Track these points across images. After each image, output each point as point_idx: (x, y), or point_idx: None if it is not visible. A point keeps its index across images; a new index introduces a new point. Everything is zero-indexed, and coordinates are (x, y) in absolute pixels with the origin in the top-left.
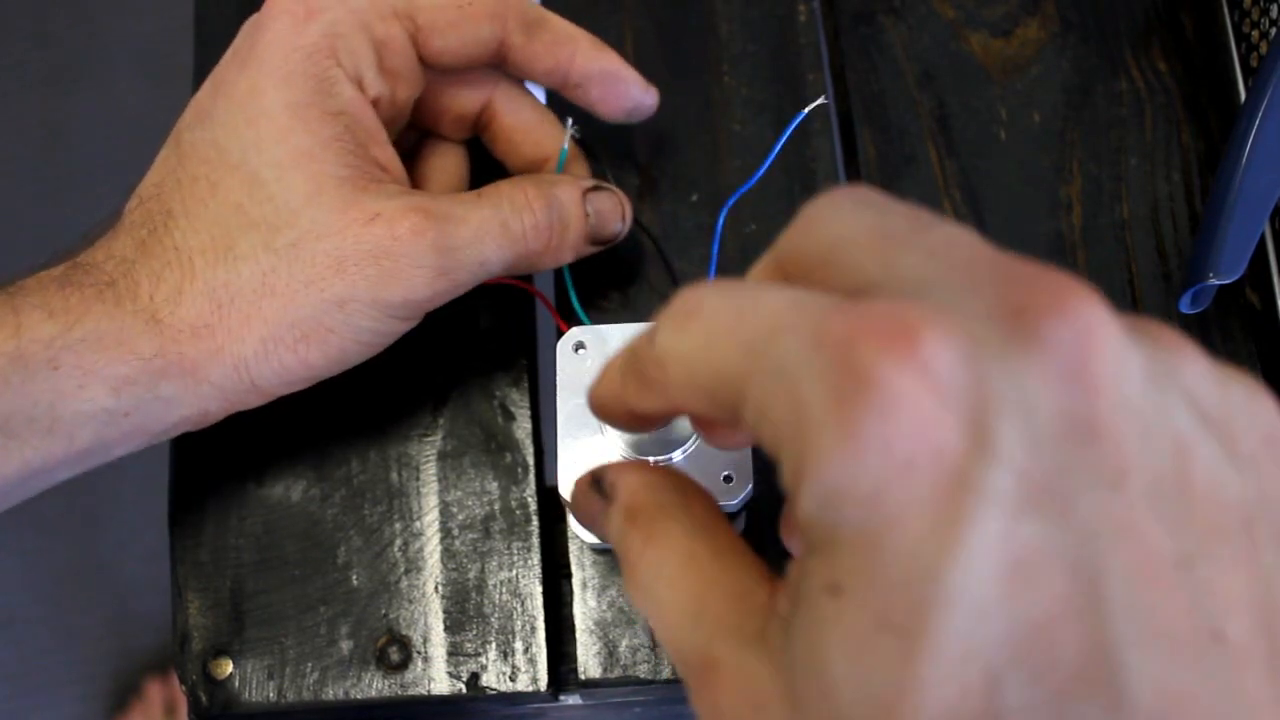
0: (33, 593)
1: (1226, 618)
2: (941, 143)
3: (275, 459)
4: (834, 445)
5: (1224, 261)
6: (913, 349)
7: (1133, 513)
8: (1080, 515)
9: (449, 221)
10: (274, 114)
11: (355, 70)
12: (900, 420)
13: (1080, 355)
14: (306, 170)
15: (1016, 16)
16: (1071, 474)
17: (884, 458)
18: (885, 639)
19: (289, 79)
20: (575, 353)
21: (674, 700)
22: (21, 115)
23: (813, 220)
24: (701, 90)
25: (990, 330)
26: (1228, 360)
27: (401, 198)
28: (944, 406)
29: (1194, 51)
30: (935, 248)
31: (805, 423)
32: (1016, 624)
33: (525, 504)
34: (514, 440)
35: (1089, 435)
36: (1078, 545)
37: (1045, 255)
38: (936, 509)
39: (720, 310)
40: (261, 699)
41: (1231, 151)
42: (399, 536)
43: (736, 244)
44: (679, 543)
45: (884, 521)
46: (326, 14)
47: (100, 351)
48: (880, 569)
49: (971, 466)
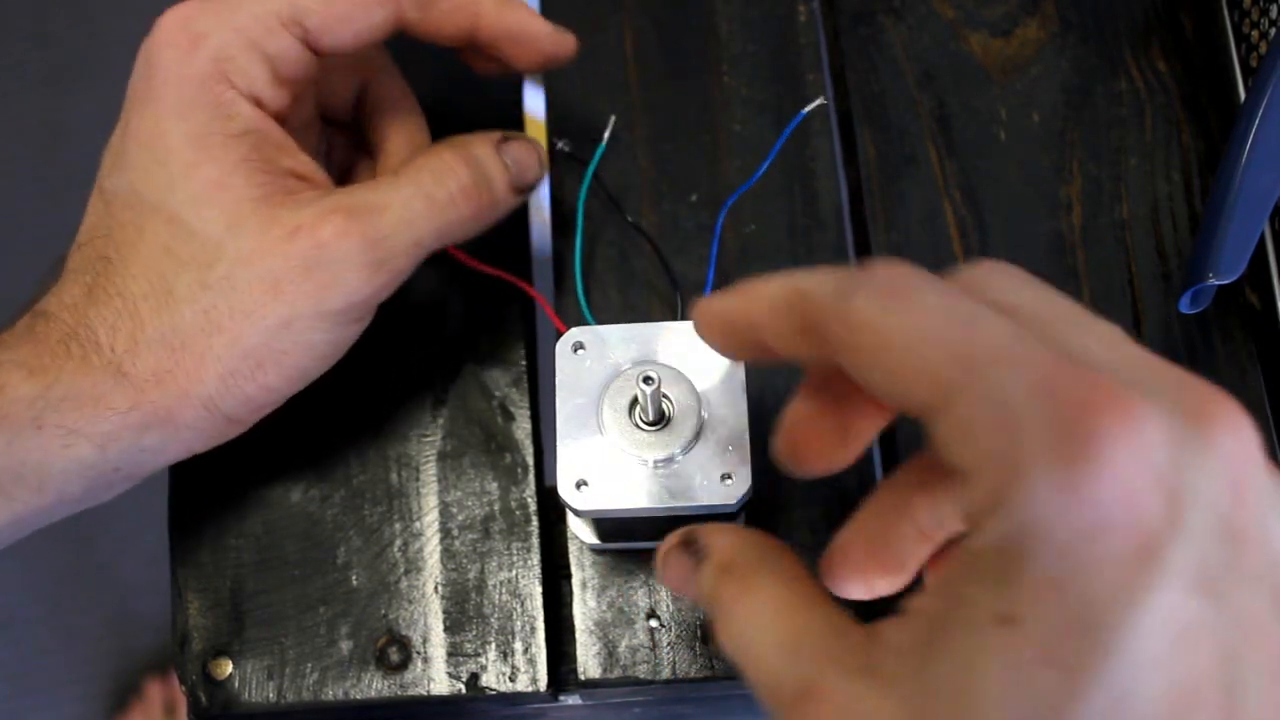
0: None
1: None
2: (941, 143)
3: (275, 460)
4: (1050, 490)
5: (1224, 261)
6: (1137, 426)
7: (1262, 610)
8: (1233, 606)
9: (371, 213)
10: (179, 150)
11: (250, 89)
12: (1113, 485)
13: (1245, 468)
14: (220, 201)
15: (1016, 16)
16: (1230, 568)
17: (1093, 513)
18: (1050, 673)
19: (186, 111)
20: (575, 353)
21: (673, 700)
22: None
23: (978, 282)
24: (701, 90)
25: (1182, 426)
26: (1228, 361)
27: (318, 203)
28: (1150, 483)
29: (1194, 51)
30: (1103, 336)
31: (1020, 459)
32: (1171, 683)
33: (525, 504)
34: (514, 440)
35: (1239, 538)
36: (1229, 630)
37: (1045, 255)
38: (1126, 569)
39: (937, 307)
40: (261, 699)
41: (1231, 151)
42: (399, 537)
43: (736, 244)
44: (773, 592)
45: (1077, 568)
46: (212, 38)
47: (80, 409)
48: (1062, 609)
49: (1165, 541)
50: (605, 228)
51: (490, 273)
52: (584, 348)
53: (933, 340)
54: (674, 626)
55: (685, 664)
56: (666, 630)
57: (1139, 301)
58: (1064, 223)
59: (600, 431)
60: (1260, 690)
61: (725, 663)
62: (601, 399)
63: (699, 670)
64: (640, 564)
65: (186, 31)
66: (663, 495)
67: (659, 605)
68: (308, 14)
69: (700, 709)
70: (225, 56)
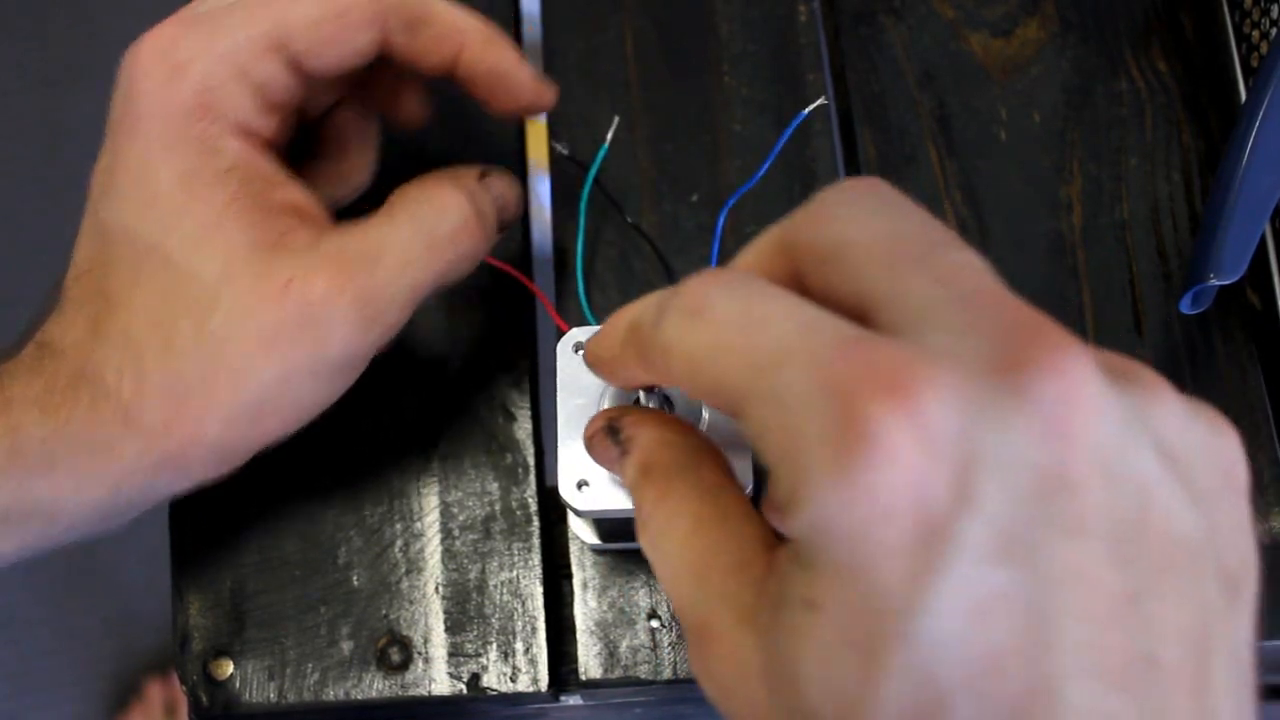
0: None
1: (1163, 645)
2: (942, 143)
3: (275, 460)
4: (826, 487)
5: (1224, 262)
6: (910, 403)
7: (1088, 558)
8: (1041, 563)
9: (366, 262)
10: (168, 190)
11: (237, 120)
12: (889, 472)
13: (1064, 414)
14: (213, 244)
15: (1016, 16)
16: (1039, 525)
17: (870, 505)
18: (851, 656)
19: (173, 147)
20: (575, 353)
21: (674, 700)
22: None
23: (827, 212)
24: (701, 90)
25: (984, 383)
26: (1228, 361)
27: (311, 252)
28: (931, 461)
29: (1194, 51)
30: (944, 273)
31: (801, 457)
32: (970, 655)
33: (526, 504)
34: (514, 441)
35: (1060, 488)
36: (1035, 589)
37: (1045, 255)
38: (913, 555)
39: (730, 318)
40: (262, 699)
41: (1232, 151)
42: (399, 537)
43: (736, 244)
44: (688, 505)
45: (864, 559)
46: (195, 66)
47: (92, 455)
48: (855, 597)
49: (950, 519)
50: (606, 228)
51: (496, 266)
52: (585, 348)
53: (726, 351)
54: (675, 626)
55: (686, 664)
56: (668, 630)
57: (1139, 302)
58: (1064, 223)
59: None
60: (1080, 641)
61: None
62: (602, 399)
63: None
64: (641, 564)
65: (167, 60)
66: None
67: (660, 605)
68: (294, 38)
69: (701, 709)
70: (209, 87)
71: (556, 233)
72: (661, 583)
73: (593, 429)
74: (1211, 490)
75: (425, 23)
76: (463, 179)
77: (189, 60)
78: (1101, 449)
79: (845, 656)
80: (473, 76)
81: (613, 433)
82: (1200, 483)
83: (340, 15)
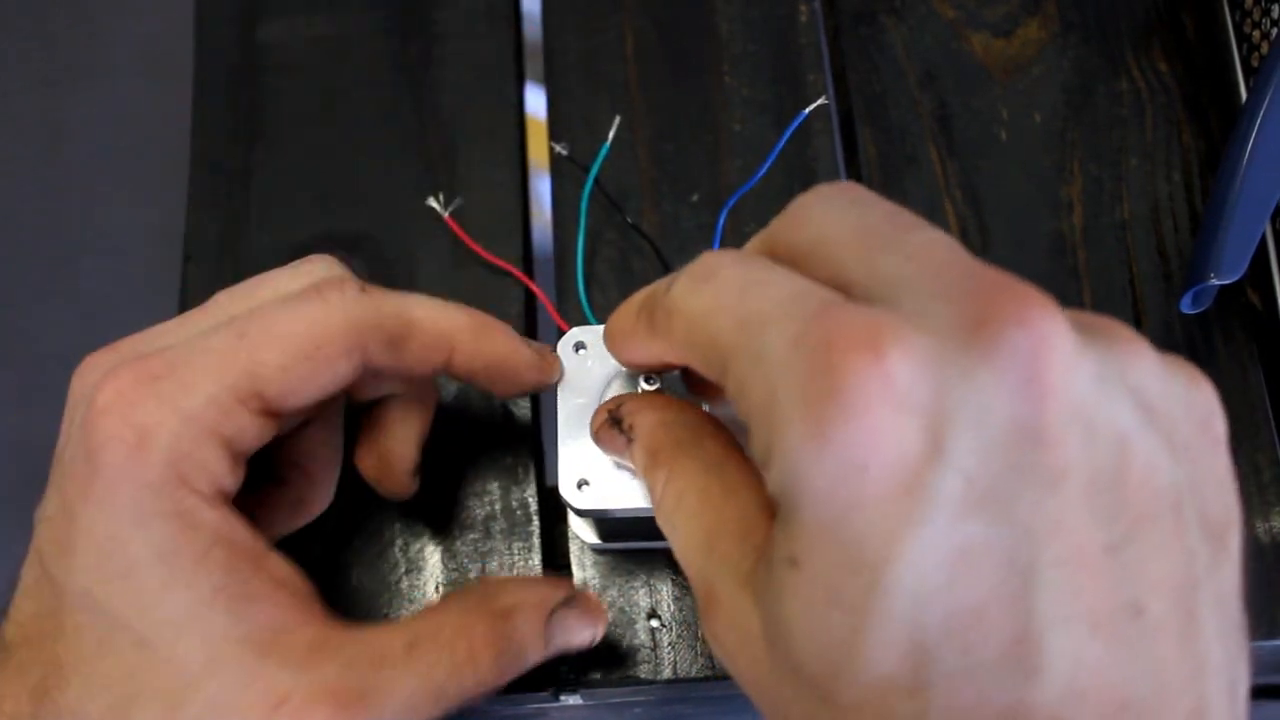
0: None
1: (1148, 594)
2: (942, 143)
3: None
4: (799, 443)
5: (1225, 262)
6: (880, 360)
7: (1066, 508)
8: (1020, 514)
9: (366, 702)
10: (145, 567)
11: (211, 484)
12: (860, 425)
13: (1034, 365)
14: (197, 633)
15: (1017, 16)
16: (1016, 477)
17: (843, 460)
18: (835, 613)
19: (146, 523)
20: (576, 353)
21: (674, 700)
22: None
23: (801, 214)
24: (701, 90)
25: (954, 342)
26: (1229, 361)
27: (312, 672)
28: (903, 415)
29: (1195, 51)
30: (913, 251)
31: (776, 411)
32: (952, 608)
33: (526, 504)
34: (514, 441)
35: (1036, 440)
36: (1014, 541)
37: (1046, 255)
38: (888, 508)
39: (731, 282)
40: None
41: (1232, 151)
42: (399, 537)
43: (737, 244)
44: (695, 480)
45: (839, 514)
46: (162, 433)
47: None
48: (834, 552)
49: (924, 472)
50: (606, 228)
51: (498, 264)
52: (585, 347)
53: (721, 312)
54: (675, 626)
55: (686, 664)
56: (667, 630)
57: (1140, 301)
58: (1065, 223)
59: None
60: (1062, 590)
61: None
62: (603, 398)
63: (700, 670)
64: (641, 564)
65: (131, 425)
66: None
67: (660, 605)
68: (267, 384)
69: (701, 709)
70: (180, 455)
71: (557, 232)
72: (678, 558)
73: (598, 422)
74: (1190, 442)
75: (408, 337)
76: (519, 615)
77: (156, 425)
78: (1076, 401)
79: (829, 613)
80: (470, 373)
81: (616, 423)
82: (1179, 435)
83: (315, 352)
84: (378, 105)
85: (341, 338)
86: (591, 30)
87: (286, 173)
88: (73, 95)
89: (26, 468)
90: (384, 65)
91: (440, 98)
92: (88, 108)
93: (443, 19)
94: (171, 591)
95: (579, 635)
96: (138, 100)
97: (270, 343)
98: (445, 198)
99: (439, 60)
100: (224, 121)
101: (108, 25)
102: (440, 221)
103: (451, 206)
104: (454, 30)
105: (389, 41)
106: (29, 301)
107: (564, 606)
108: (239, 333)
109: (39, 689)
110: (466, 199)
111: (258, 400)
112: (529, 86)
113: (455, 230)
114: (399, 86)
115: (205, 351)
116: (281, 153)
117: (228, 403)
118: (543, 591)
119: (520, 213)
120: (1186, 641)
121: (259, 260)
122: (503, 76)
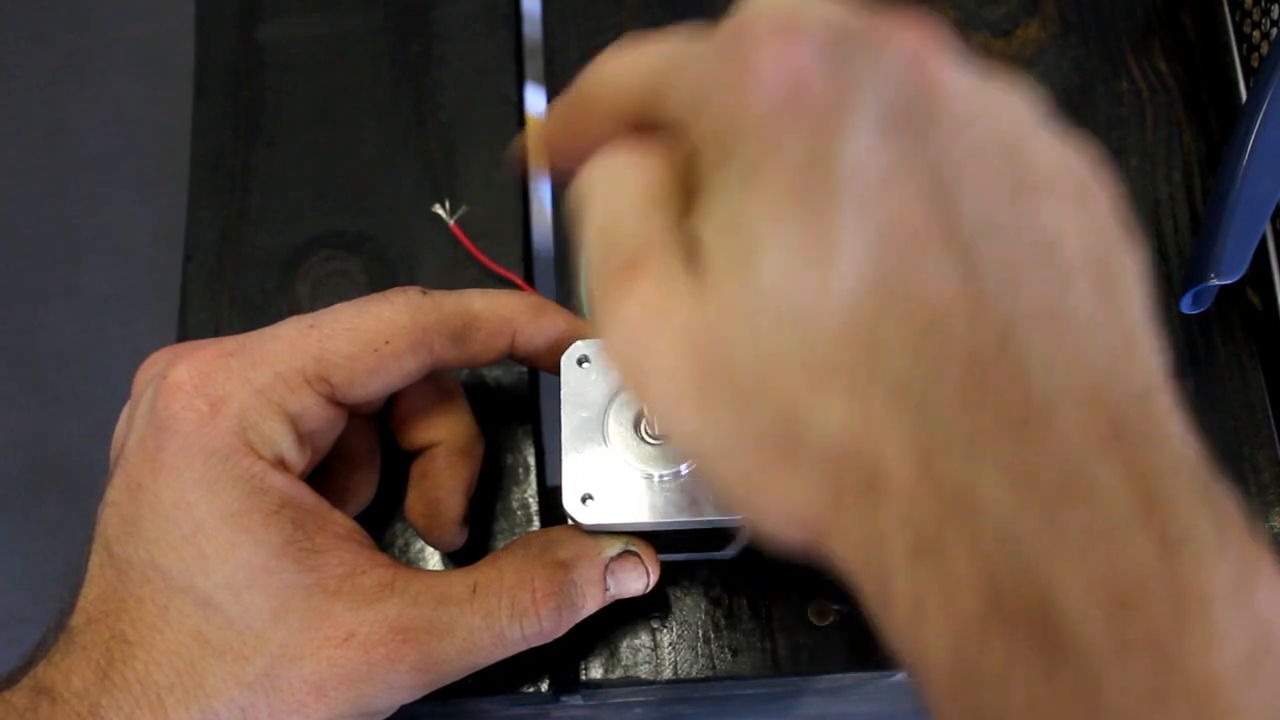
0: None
1: (1062, 239)
2: None
3: None
4: (724, 88)
5: (1225, 262)
6: (795, 34)
7: (975, 144)
8: (932, 140)
9: (430, 637)
10: (212, 529)
11: (275, 454)
12: (774, 64)
13: (920, 51)
14: (265, 587)
15: (1017, 17)
16: (922, 114)
17: (762, 89)
18: (798, 209)
19: (215, 487)
20: (579, 366)
21: (674, 700)
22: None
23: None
24: None
25: (849, 31)
26: (1229, 361)
27: (376, 607)
28: (819, 54)
29: (1195, 52)
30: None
31: (704, 88)
32: (885, 219)
33: (526, 505)
34: (515, 441)
35: (931, 91)
36: (932, 162)
37: None
38: (814, 129)
39: (647, 40)
40: None
41: (1232, 152)
42: (400, 537)
43: None
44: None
45: (785, 126)
46: (232, 403)
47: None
48: (787, 157)
49: (839, 101)
50: None
51: (499, 272)
52: (589, 361)
53: (647, 55)
54: (675, 626)
55: (686, 664)
56: (668, 630)
57: None
58: None
59: (605, 444)
60: (981, 215)
61: (726, 663)
62: (607, 413)
63: (700, 670)
64: None
65: (206, 395)
66: (668, 510)
67: (660, 605)
68: (333, 369)
69: (701, 709)
70: (248, 424)
71: (557, 234)
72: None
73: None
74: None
75: (473, 328)
76: (580, 566)
77: (228, 395)
78: (969, 87)
79: (795, 213)
80: (533, 353)
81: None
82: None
83: (382, 345)
84: (378, 105)
85: (407, 334)
86: (591, 30)
87: (286, 173)
88: (73, 95)
89: (27, 467)
90: (384, 65)
91: (440, 98)
92: (88, 108)
93: (443, 19)
94: (237, 550)
95: (634, 584)
96: (138, 100)
97: (339, 333)
98: (445, 198)
99: (439, 60)
100: (224, 121)
101: (108, 25)
102: (440, 221)
103: (457, 214)
104: (454, 30)
105: (389, 41)
106: (29, 301)
107: (618, 558)
108: (310, 324)
109: (105, 665)
110: (466, 200)
111: (324, 385)
112: (529, 86)
113: (460, 238)
114: (399, 86)
115: (275, 338)
116: (281, 153)
117: (295, 380)
118: (601, 543)
119: (521, 214)
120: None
121: (259, 260)
122: (503, 76)
